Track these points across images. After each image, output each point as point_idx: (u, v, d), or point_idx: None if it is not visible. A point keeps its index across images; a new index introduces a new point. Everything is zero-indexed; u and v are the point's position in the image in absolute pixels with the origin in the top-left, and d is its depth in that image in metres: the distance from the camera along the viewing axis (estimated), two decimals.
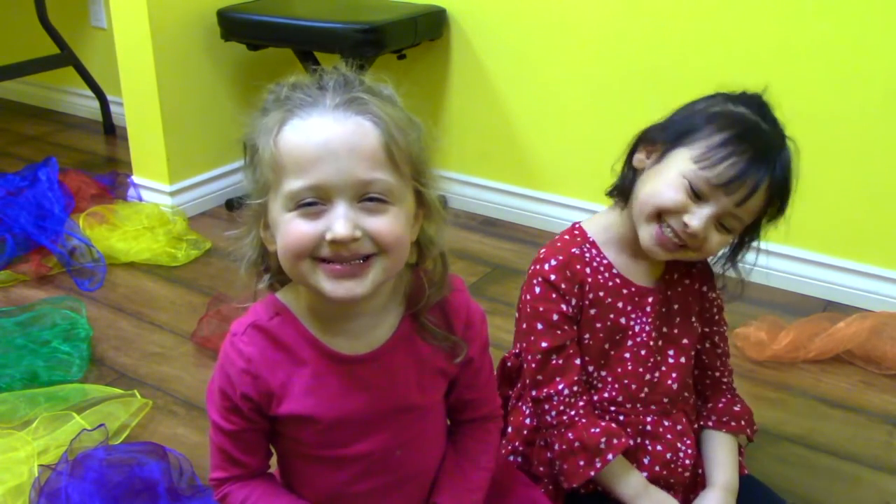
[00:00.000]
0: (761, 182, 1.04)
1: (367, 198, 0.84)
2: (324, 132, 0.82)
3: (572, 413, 1.13)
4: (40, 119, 3.33)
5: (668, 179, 1.06)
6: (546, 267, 1.13)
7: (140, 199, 2.44)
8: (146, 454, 1.39)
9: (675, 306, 1.18)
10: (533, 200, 2.36)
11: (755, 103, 1.10)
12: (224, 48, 2.40)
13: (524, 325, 1.15)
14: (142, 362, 1.75)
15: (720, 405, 1.23)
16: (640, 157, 1.13)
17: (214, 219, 2.43)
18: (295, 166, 0.82)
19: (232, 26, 2.31)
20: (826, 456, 1.51)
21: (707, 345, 1.24)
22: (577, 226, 1.19)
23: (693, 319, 1.20)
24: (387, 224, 0.84)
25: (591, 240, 1.16)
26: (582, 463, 1.12)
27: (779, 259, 2.04)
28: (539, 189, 2.35)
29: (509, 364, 1.27)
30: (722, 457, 1.20)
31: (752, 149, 1.03)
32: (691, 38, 2.01)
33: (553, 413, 1.13)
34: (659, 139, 1.11)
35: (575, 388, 1.13)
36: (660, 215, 1.07)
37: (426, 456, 1.03)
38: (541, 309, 1.13)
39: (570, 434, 1.12)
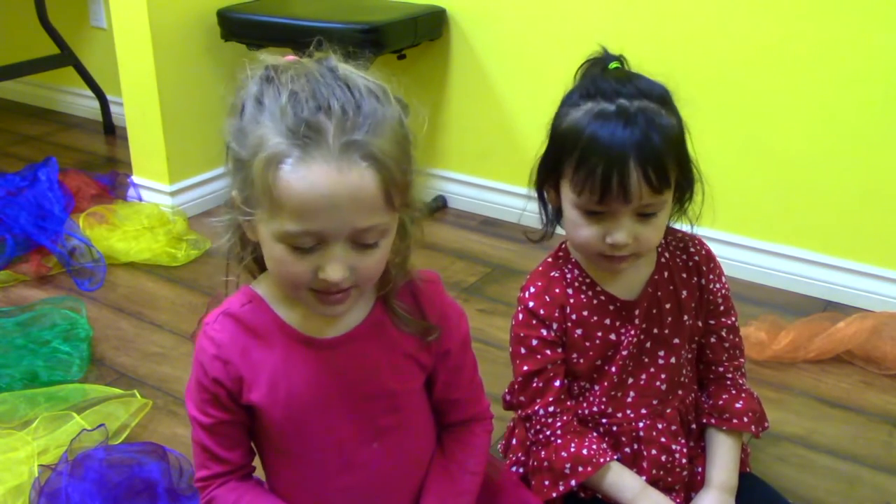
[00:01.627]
0: (627, 174, 1.00)
1: (361, 241, 0.85)
2: (327, 183, 0.80)
3: (548, 433, 1.15)
4: (40, 119, 3.33)
5: (572, 218, 1.08)
6: (526, 294, 1.16)
7: (140, 199, 2.45)
8: (146, 454, 1.39)
9: (667, 306, 1.17)
10: (533, 200, 2.36)
11: (597, 84, 1.06)
12: (224, 48, 2.40)
13: (511, 349, 1.18)
14: (142, 362, 1.75)
15: (721, 402, 1.22)
16: (551, 197, 1.15)
17: (214, 219, 2.43)
18: (293, 211, 0.81)
19: (232, 26, 2.31)
20: (826, 456, 1.51)
21: (713, 339, 1.22)
22: (562, 245, 1.20)
23: (686, 317, 1.19)
24: (374, 262, 0.87)
25: (573, 259, 1.17)
26: (547, 483, 1.15)
27: (779, 259, 2.04)
28: None
29: None
30: (719, 456, 1.20)
31: (602, 155, 1.01)
32: (691, 39, 2.01)
33: (532, 431, 1.17)
34: (548, 179, 1.13)
35: (551, 409, 1.15)
36: (592, 250, 1.09)
37: (409, 455, 1.02)
38: (522, 335, 1.16)
39: (542, 453, 1.15)
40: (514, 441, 1.28)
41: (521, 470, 1.24)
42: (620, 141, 1.00)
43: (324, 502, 1.00)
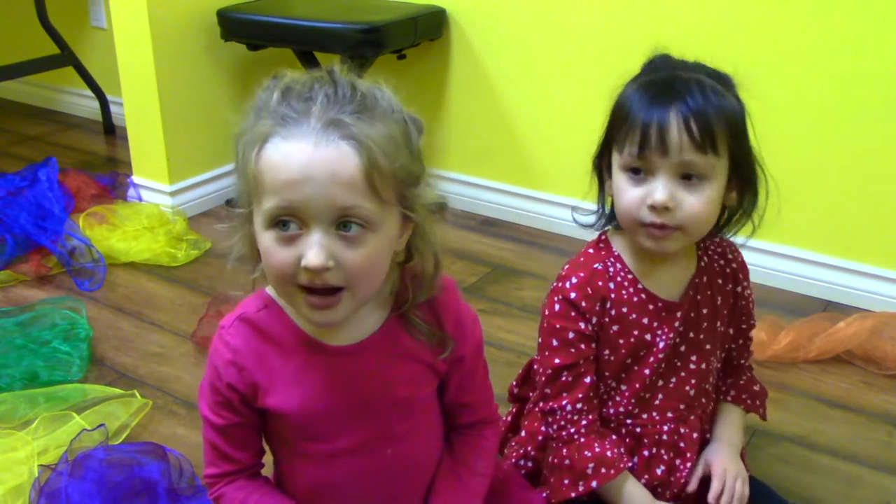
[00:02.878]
0: (667, 122, 1.00)
1: (344, 224, 0.83)
2: (304, 156, 0.81)
3: (572, 430, 1.13)
4: (40, 119, 3.33)
5: (617, 184, 1.07)
6: (567, 285, 1.12)
7: (140, 199, 2.45)
8: (146, 454, 1.39)
9: (704, 311, 1.15)
10: (533, 200, 2.36)
11: (659, 64, 1.09)
12: (224, 48, 2.40)
13: (541, 340, 1.15)
14: (142, 362, 1.75)
15: (741, 381, 1.25)
16: (608, 185, 1.12)
17: (214, 219, 2.43)
18: (272, 186, 0.82)
19: (232, 26, 2.31)
20: (826, 456, 1.51)
21: (741, 341, 1.25)
22: (602, 237, 1.17)
23: (719, 324, 1.17)
24: (361, 257, 0.84)
25: (615, 253, 1.14)
26: (566, 482, 1.13)
27: (779, 259, 2.04)
28: (539, 189, 2.35)
29: (535, 367, 1.26)
30: (728, 419, 1.22)
31: (645, 106, 1.02)
32: (691, 39, 2.01)
33: (555, 427, 1.14)
34: (603, 155, 1.12)
35: (579, 406, 1.12)
36: (636, 218, 1.06)
37: (420, 459, 1.02)
38: (557, 326, 1.12)
39: (564, 450, 1.13)
40: (522, 433, 1.26)
41: (529, 464, 1.22)
42: (665, 95, 1.01)
43: (334, 503, 1.00)
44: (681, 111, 1.00)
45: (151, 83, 2.30)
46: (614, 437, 1.15)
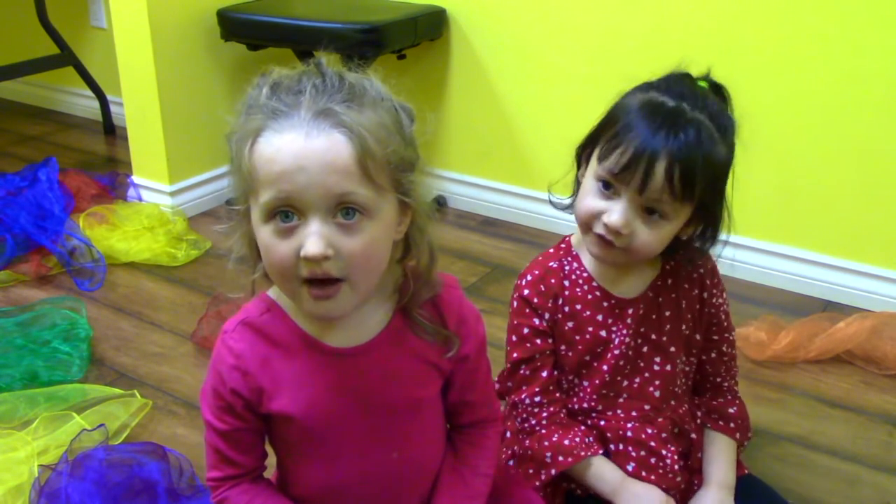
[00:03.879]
0: (655, 162, 0.99)
1: (342, 211, 0.83)
2: (296, 147, 0.81)
3: (533, 422, 1.16)
4: (40, 119, 3.33)
5: (586, 188, 1.08)
6: (523, 282, 1.17)
7: (140, 199, 2.45)
8: (146, 454, 1.39)
9: (667, 313, 1.16)
10: (533, 200, 2.36)
11: (672, 84, 1.06)
12: (224, 48, 2.40)
13: (506, 336, 1.19)
14: (142, 362, 1.75)
15: (714, 402, 1.24)
16: (581, 173, 1.13)
17: (214, 219, 2.43)
18: (267, 178, 0.82)
19: (232, 26, 2.31)
20: (826, 456, 1.51)
21: (713, 354, 1.23)
22: (566, 238, 1.20)
23: (684, 327, 1.18)
24: (360, 245, 0.84)
25: (573, 252, 1.17)
26: (531, 471, 1.16)
27: (779, 259, 2.04)
28: (539, 189, 2.35)
29: None
30: (716, 454, 1.20)
31: (641, 132, 1.01)
32: (692, 38, 2.01)
33: (518, 420, 1.18)
34: (585, 148, 1.12)
35: (538, 399, 1.16)
36: (589, 224, 1.08)
37: (425, 460, 1.02)
38: (515, 322, 1.17)
39: (527, 441, 1.17)
40: (507, 434, 1.27)
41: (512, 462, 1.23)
42: (663, 134, 1.00)
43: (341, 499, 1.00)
44: (670, 155, 0.99)
45: (151, 83, 2.30)
46: (583, 427, 1.17)
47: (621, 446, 1.17)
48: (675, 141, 0.99)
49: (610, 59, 2.13)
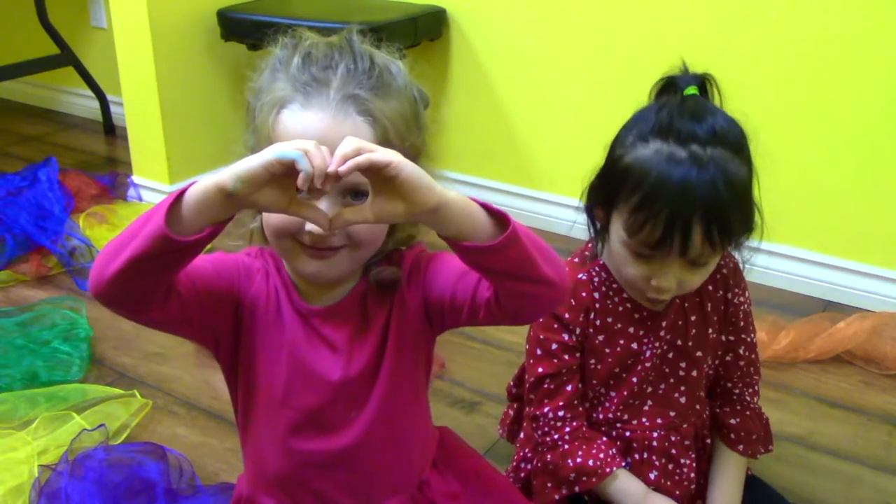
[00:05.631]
0: (690, 230, 0.97)
1: (351, 194, 0.84)
2: (321, 126, 0.83)
3: (556, 437, 1.13)
4: (40, 119, 3.33)
5: (618, 252, 1.05)
6: None
7: (140, 199, 2.45)
8: (146, 454, 1.39)
9: (693, 318, 1.14)
10: (533, 200, 2.36)
11: (673, 120, 1.00)
12: (224, 48, 2.40)
13: (527, 347, 1.16)
14: (142, 362, 1.75)
15: (718, 410, 1.22)
16: (599, 216, 1.10)
17: None
18: None
19: (232, 26, 2.31)
20: (826, 456, 1.51)
21: (728, 357, 1.19)
22: (587, 245, 1.16)
23: (711, 331, 1.15)
24: (365, 226, 0.84)
25: (601, 262, 1.13)
26: (549, 485, 1.14)
27: (779, 259, 2.04)
28: (539, 189, 2.35)
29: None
30: (722, 475, 1.19)
31: (667, 204, 0.96)
32: (692, 39, 2.01)
33: (539, 433, 1.15)
34: (599, 203, 1.08)
35: (561, 413, 1.13)
36: (638, 289, 1.07)
37: (393, 428, 0.98)
38: (541, 337, 1.13)
39: (548, 456, 1.14)
40: (521, 435, 1.27)
41: (528, 466, 1.22)
42: (689, 194, 0.96)
43: (300, 466, 0.98)
44: (703, 217, 0.96)
45: (151, 83, 2.30)
46: (605, 438, 1.15)
47: (645, 455, 1.15)
48: (702, 198, 0.96)
49: (610, 59, 2.13)
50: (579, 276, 1.12)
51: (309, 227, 0.83)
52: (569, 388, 1.13)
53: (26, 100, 3.49)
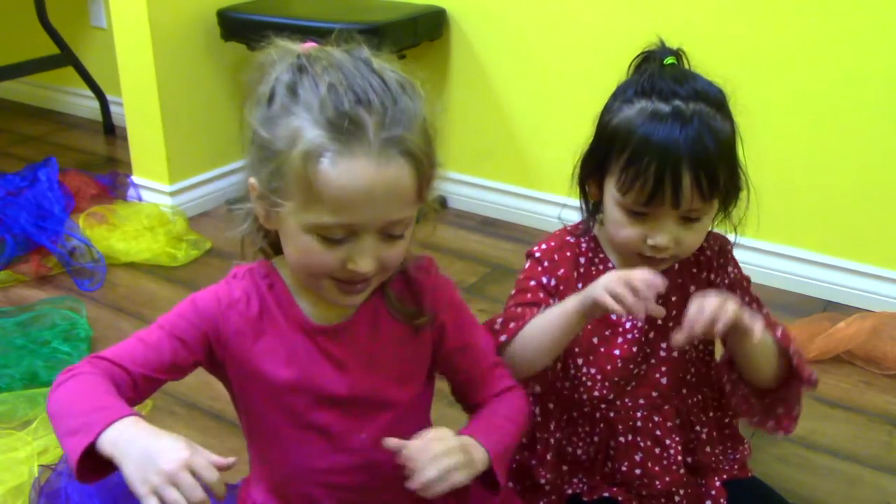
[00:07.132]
0: (680, 180, 0.99)
1: (391, 230, 0.86)
2: (367, 178, 0.81)
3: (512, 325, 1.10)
4: (40, 119, 3.33)
5: (613, 216, 1.07)
6: (536, 248, 1.15)
7: (140, 199, 2.45)
8: None
9: (673, 298, 1.15)
10: (533, 200, 2.36)
11: (654, 84, 1.04)
12: (224, 48, 2.40)
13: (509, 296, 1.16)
14: None
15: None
16: (592, 192, 1.13)
17: (214, 219, 2.43)
18: (330, 203, 0.82)
19: (232, 26, 2.32)
20: (826, 456, 1.51)
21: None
22: (579, 223, 1.19)
23: None
24: (398, 252, 0.89)
25: (593, 234, 1.16)
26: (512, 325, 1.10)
27: (779, 259, 2.04)
28: (539, 189, 2.35)
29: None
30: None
31: (655, 157, 0.99)
32: (692, 38, 2.01)
33: (500, 320, 1.12)
34: (593, 174, 1.11)
35: (519, 310, 1.11)
36: (632, 248, 1.08)
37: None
38: (521, 277, 1.15)
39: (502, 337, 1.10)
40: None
41: (513, 465, 1.21)
42: (675, 144, 0.99)
43: (311, 487, 0.98)
44: (692, 166, 0.99)
45: (151, 83, 2.30)
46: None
47: (630, 437, 1.16)
48: (688, 148, 0.99)
49: (609, 59, 2.12)
50: (567, 238, 1.15)
51: (353, 265, 0.85)
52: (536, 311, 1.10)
53: (26, 100, 3.49)
